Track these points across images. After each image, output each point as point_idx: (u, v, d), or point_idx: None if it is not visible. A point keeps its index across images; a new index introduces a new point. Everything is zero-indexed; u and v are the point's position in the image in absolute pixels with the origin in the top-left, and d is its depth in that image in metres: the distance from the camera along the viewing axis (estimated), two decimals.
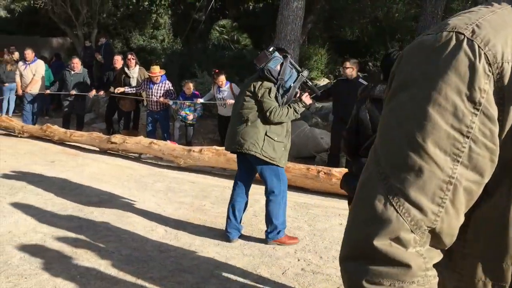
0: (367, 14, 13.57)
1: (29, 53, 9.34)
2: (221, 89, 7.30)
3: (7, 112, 10.31)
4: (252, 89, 3.76)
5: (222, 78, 7.27)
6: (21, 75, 9.34)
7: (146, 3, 17.68)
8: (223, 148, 6.30)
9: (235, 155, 6.02)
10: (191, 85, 7.83)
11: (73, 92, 8.70)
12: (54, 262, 3.40)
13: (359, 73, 6.69)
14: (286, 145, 3.86)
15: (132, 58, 8.31)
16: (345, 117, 6.24)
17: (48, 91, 9.16)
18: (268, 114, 3.68)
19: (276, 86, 3.71)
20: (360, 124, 2.55)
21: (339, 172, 5.34)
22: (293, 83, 3.72)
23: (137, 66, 8.42)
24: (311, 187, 5.53)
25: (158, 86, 7.63)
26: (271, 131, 3.74)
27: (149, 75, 7.71)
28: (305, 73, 3.77)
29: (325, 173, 5.40)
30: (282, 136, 3.81)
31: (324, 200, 5.25)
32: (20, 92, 9.38)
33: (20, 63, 9.51)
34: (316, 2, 14.15)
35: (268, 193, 3.84)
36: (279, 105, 3.70)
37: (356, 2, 13.41)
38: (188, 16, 18.05)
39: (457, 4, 12.96)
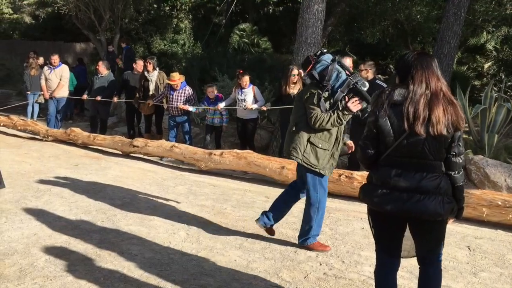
0: (388, 17, 13.43)
1: (56, 58, 9.52)
2: (243, 90, 7.31)
3: (31, 116, 10.54)
4: (301, 94, 3.74)
5: (246, 79, 7.29)
6: (46, 79, 9.52)
7: (167, 8, 17.87)
8: (244, 151, 6.34)
9: (255, 159, 6.07)
10: (212, 88, 7.86)
11: (98, 98, 8.84)
12: (79, 264, 3.46)
13: (379, 75, 6.63)
14: (334, 153, 3.73)
15: (149, 63, 8.40)
16: (363, 119, 6.21)
17: (85, 96, 9.26)
18: (309, 120, 3.60)
19: (323, 91, 3.56)
20: (380, 131, 2.41)
21: (360, 175, 5.30)
22: (341, 87, 3.55)
23: (156, 70, 8.50)
24: (332, 190, 5.48)
25: (179, 92, 7.70)
26: (315, 138, 3.66)
27: (168, 83, 7.77)
28: (355, 77, 3.55)
29: (346, 176, 5.37)
30: (329, 144, 3.69)
31: (345, 204, 5.21)
32: (47, 96, 9.55)
33: (45, 67, 9.70)
34: (337, 5, 14.10)
35: (306, 198, 3.84)
36: (322, 111, 3.56)
37: (377, 5, 13.29)
38: (209, 20, 18.18)
39: (480, 5, 12.73)
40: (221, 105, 7.48)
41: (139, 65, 8.79)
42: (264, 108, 7.36)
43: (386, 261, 2.59)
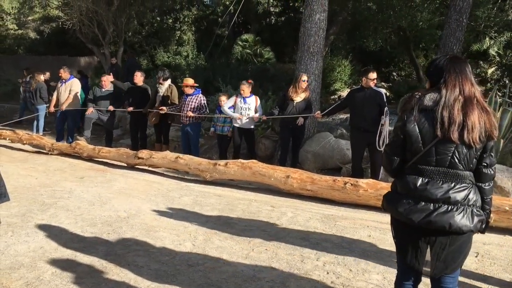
0: (391, 24, 13.48)
1: (62, 72, 9.66)
2: (247, 99, 7.34)
3: (37, 131, 10.61)
4: None
5: (244, 88, 7.34)
6: (58, 93, 9.65)
7: (170, 20, 18.03)
8: (248, 161, 6.33)
9: (260, 169, 6.06)
10: (223, 97, 7.90)
11: (111, 108, 8.98)
12: (85, 277, 3.45)
13: (383, 83, 6.63)
14: None
15: (158, 76, 8.55)
16: (361, 126, 6.22)
17: (90, 110, 9.33)
18: None
19: None
20: (408, 138, 2.30)
21: (366, 183, 5.28)
22: None
23: (167, 82, 8.54)
24: (338, 199, 5.47)
25: (191, 97, 7.78)
26: None
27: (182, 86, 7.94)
28: None
29: (352, 184, 5.34)
30: None
31: (351, 212, 5.18)
32: (51, 110, 9.66)
33: (59, 83, 9.85)
34: (339, 13, 14.16)
35: None
36: None
37: (379, 13, 13.34)
38: (211, 31, 18.33)
39: (482, 11, 12.75)
40: (228, 112, 7.43)
41: (136, 76, 8.87)
42: (264, 118, 7.39)
43: (407, 274, 2.49)
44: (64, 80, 9.65)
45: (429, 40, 14.08)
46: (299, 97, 7.03)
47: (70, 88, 9.58)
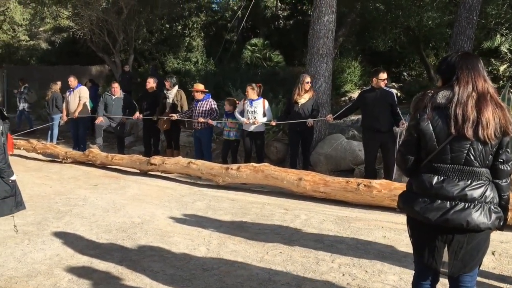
0: (400, 24, 13.42)
1: (71, 80, 9.83)
2: (253, 102, 7.30)
3: (51, 139, 10.73)
4: None
5: (248, 90, 7.32)
6: (67, 102, 9.78)
7: (179, 27, 18.13)
8: (261, 164, 6.33)
9: (273, 172, 6.06)
10: (227, 102, 7.91)
11: (124, 119, 9.15)
12: (101, 283, 3.47)
13: (393, 83, 6.58)
14: None
15: (166, 81, 8.66)
16: (373, 126, 6.20)
17: (99, 119, 9.36)
18: None
19: None
20: (422, 136, 2.27)
21: (379, 184, 5.25)
22: None
23: (175, 88, 8.63)
24: (352, 200, 5.45)
25: (201, 103, 7.82)
26: None
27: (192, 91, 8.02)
28: None
29: (365, 185, 5.31)
30: None
31: (366, 213, 5.15)
32: (64, 118, 9.82)
33: (67, 92, 9.99)
34: (347, 15, 14.14)
35: None
36: None
37: (388, 13, 13.30)
38: (220, 37, 18.40)
39: (492, 8, 12.64)
40: (243, 119, 7.39)
41: (148, 83, 8.97)
42: (273, 123, 7.35)
43: (424, 274, 2.47)
44: (72, 89, 9.80)
45: (439, 39, 13.99)
46: (303, 99, 7.00)
47: (79, 95, 9.72)
